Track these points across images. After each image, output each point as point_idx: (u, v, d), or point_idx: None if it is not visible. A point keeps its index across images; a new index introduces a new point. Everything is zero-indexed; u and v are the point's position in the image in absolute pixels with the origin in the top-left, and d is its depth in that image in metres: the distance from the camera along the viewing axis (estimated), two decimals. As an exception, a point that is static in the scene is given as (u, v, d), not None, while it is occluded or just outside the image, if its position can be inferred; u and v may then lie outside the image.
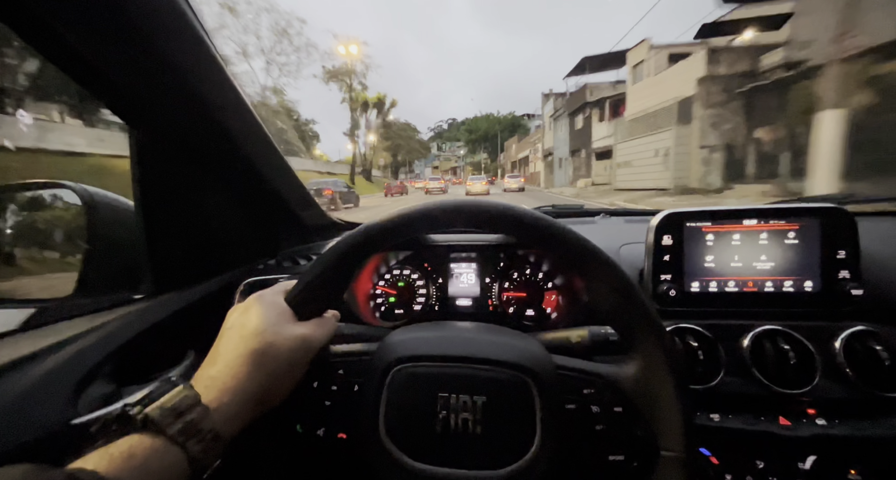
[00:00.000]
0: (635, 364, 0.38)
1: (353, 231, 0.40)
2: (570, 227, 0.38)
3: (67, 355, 0.46)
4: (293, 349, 0.36)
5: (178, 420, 0.29)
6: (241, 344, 0.34)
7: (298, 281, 0.39)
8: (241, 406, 0.32)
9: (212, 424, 0.30)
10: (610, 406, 0.37)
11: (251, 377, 0.33)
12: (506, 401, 0.35)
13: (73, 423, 0.42)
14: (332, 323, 0.41)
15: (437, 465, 0.33)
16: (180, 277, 0.68)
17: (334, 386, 0.38)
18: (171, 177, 0.64)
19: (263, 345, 0.34)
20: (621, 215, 1.13)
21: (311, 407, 0.38)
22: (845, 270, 0.59)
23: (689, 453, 0.35)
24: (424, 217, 0.38)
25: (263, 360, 0.34)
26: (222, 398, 0.32)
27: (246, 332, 0.35)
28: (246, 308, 0.38)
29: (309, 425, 0.39)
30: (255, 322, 0.36)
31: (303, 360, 0.37)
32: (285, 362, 0.35)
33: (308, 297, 0.39)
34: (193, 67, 0.49)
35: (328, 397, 0.38)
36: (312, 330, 0.38)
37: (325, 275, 0.39)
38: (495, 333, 0.42)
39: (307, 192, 0.90)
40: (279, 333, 0.36)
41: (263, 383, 0.34)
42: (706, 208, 0.63)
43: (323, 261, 0.39)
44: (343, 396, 0.38)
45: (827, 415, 0.56)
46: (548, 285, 0.82)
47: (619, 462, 0.37)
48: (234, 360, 0.34)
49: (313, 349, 0.38)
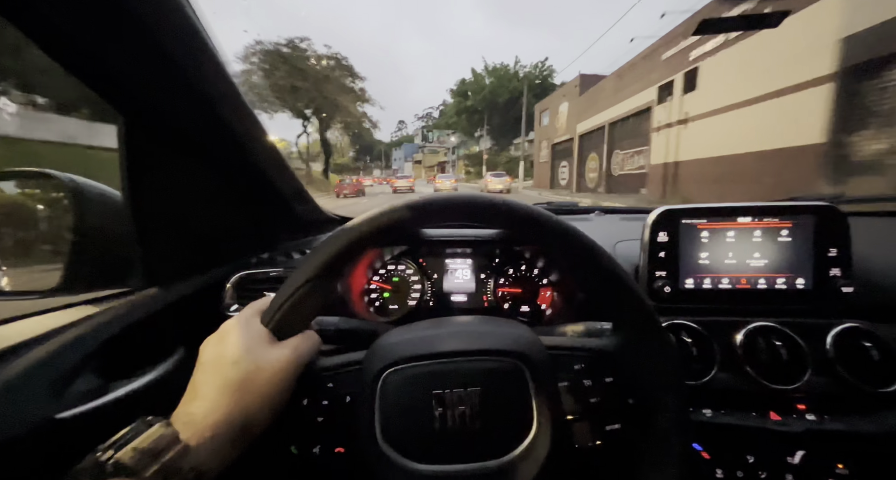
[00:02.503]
0: (625, 336, 0.39)
1: (331, 235, 0.38)
2: (547, 211, 0.38)
3: (52, 348, 0.45)
4: (275, 373, 0.34)
5: (155, 461, 0.27)
6: (218, 376, 0.33)
7: (274, 300, 0.38)
8: (224, 439, 0.31)
9: (193, 462, 0.29)
10: (601, 378, 0.38)
11: (233, 408, 0.32)
12: (500, 389, 0.35)
13: (58, 418, 0.41)
14: (315, 339, 0.40)
15: (440, 463, 0.33)
16: (171, 271, 0.67)
17: (325, 401, 0.37)
18: (161, 168, 0.62)
19: (242, 374, 0.33)
20: (616, 213, 1.13)
21: (303, 426, 0.37)
22: (837, 268, 0.59)
23: (683, 415, 0.37)
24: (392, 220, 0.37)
25: (244, 389, 0.33)
26: (203, 433, 0.30)
27: (223, 363, 0.34)
28: (220, 337, 0.36)
29: (304, 445, 0.38)
30: (231, 350, 0.34)
31: (287, 382, 0.35)
32: (268, 387, 0.34)
33: (286, 315, 0.37)
34: (187, 55, 0.48)
35: (320, 413, 0.37)
36: (294, 349, 0.36)
37: (302, 290, 0.37)
38: (482, 323, 0.42)
39: (302, 186, 0.89)
40: (258, 359, 0.34)
41: (247, 412, 0.32)
42: (701, 205, 0.63)
43: (299, 275, 0.37)
44: (336, 410, 0.37)
45: (817, 411, 0.57)
46: (543, 281, 0.82)
47: (616, 430, 0.38)
48: (213, 393, 0.32)
49: (297, 369, 0.36)
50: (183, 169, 0.66)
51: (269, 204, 0.85)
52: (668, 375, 0.38)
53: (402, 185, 24.79)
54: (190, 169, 0.67)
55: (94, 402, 0.45)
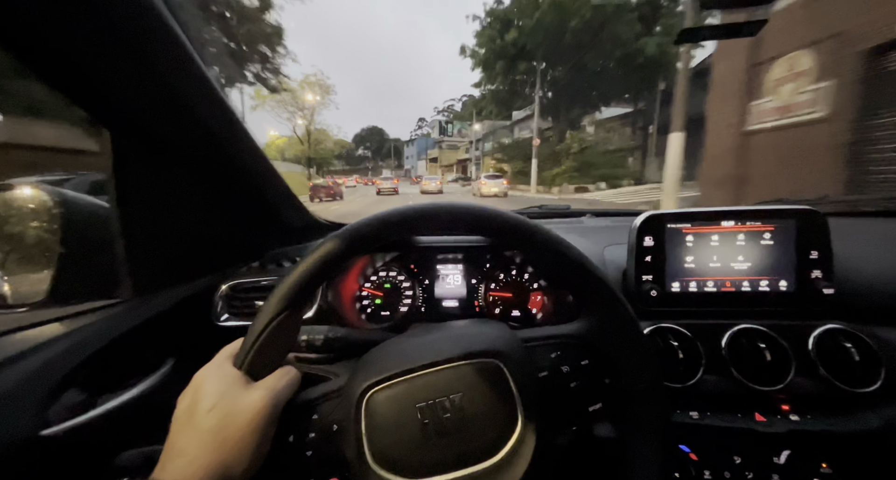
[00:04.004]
0: (592, 317, 0.41)
1: (291, 267, 0.37)
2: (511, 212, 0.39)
3: (38, 362, 0.45)
4: (253, 415, 0.33)
5: None
6: (193, 428, 0.32)
7: (245, 341, 0.37)
8: None
9: None
10: (578, 362, 0.40)
11: (212, 459, 0.31)
12: (482, 390, 0.36)
13: (43, 434, 0.41)
14: (293, 373, 0.39)
15: (433, 475, 0.33)
16: (159, 281, 0.66)
17: (312, 434, 0.37)
18: (149, 178, 0.62)
19: (218, 421, 0.32)
20: (608, 216, 1.14)
21: (293, 463, 0.37)
22: (818, 270, 0.61)
23: (656, 384, 0.38)
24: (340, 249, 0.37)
25: (222, 438, 0.32)
26: None
27: (197, 414, 0.33)
28: (194, 388, 0.35)
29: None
30: (205, 400, 0.33)
31: (266, 424, 0.34)
32: (247, 432, 0.33)
33: (258, 355, 0.37)
34: (173, 66, 0.48)
35: (308, 447, 0.36)
36: (271, 388, 0.36)
37: (270, 327, 0.37)
38: (456, 328, 0.42)
39: (292, 193, 0.89)
40: (233, 404, 0.33)
41: (228, 461, 0.32)
42: (686, 209, 0.64)
43: (264, 314, 0.37)
44: (324, 440, 0.36)
45: (800, 411, 0.58)
46: (533, 286, 0.83)
47: (598, 410, 0.39)
48: (190, 447, 0.31)
49: (275, 408, 0.35)
50: (171, 178, 0.65)
51: (258, 211, 0.85)
52: (637, 349, 0.39)
53: (385, 187, 24.90)
54: (178, 178, 0.67)
55: (81, 417, 0.45)
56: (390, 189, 24.38)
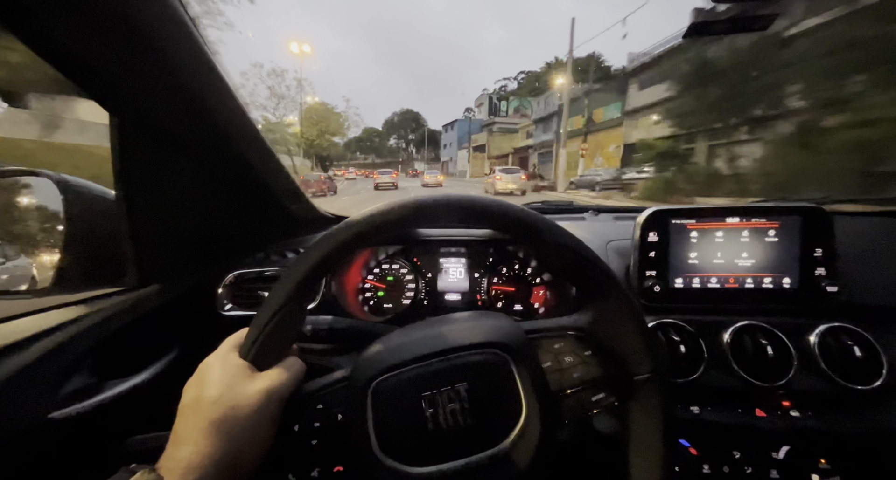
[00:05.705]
0: (595, 307, 0.41)
1: (296, 258, 0.37)
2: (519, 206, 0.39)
3: (46, 347, 0.45)
4: (259, 406, 0.34)
5: None
6: (199, 418, 0.32)
7: (250, 331, 0.38)
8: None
9: None
10: (581, 352, 0.40)
11: (217, 448, 0.31)
12: (487, 380, 0.36)
13: (51, 417, 0.41)
14: (298, 364, 0.39)
15: (439, 463, 0.34)
16: (165, 270, 0.67)
17: (317, 423, 0.37)
18: (154, 167, 0.62)
19: (223, 412, 0.32)
20: (610, 212, 1.14)
21: (298, 453, 0.37)
22: (822, 268, 0.61)
23: (659, 372, 0.38)
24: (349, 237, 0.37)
25: (227, 428, 0.32)
26: (187, 476, 0.30)
27: (202, 403, 0.33)
28: (199, 378, 0.36)
29: (301, 470, 0.38)
30: (211, 389, 0.34)
31: (271, 415, 0.35)
32: (251, 422, 0.33)
33: (264, 346, 0.37)
34: (179, 54, 0.48)
35: (314, 436, 0.37)
36: (276, 378, 0.36)
37: (276, 317, 0.37)
38: (461, 320, 0.42)
39: (296, 185, 0.89)
40: (238, 394, 0.34)
41: (233, 450, 0.32)
42: (691, 206, 0.64)
43: (270, 304, 0.37)
44: (329, 430, 0.37)
45: (801, 407, 0.58)
46: (536, 280, 0.83)
47: (602, 399, 0.40)
48: (196, 436, 0.31)
49: (280, 399, 0.36)
50: (176, 167, 0.66)
51: (262, 202, 0.85)
52: (641, 339, 0.39)
53: (383, 181, 23.87)
54: (183, 167, 0.67)
55: (88, 401, 0.46)
56: (389, 183, 23.57)
